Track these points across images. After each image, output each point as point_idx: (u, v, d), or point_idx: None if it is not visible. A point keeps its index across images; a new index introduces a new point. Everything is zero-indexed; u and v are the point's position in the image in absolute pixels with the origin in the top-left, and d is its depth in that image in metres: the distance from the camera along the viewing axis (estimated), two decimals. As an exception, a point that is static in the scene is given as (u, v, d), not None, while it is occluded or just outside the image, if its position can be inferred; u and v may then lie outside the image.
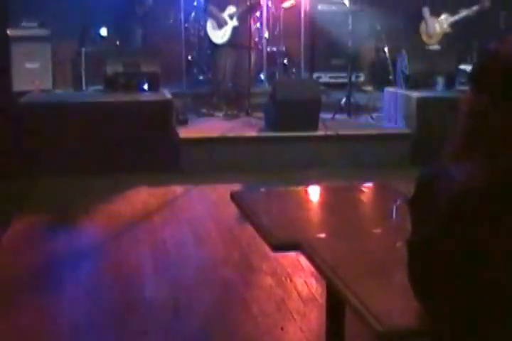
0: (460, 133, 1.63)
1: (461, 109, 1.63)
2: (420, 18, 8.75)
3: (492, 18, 9.52)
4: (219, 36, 8.39)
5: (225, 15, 8.35)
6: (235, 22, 8.33)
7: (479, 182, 1.51)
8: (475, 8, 8.47)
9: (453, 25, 8.61)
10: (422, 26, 8.69)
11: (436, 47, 8.74)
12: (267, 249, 4.15)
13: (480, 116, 1.58)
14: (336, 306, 2.87)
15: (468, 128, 1.61)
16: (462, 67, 8.86)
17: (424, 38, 8.76)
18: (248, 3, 8.30)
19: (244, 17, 8.39)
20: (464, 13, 8.54)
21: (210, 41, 8.49)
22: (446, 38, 8.70)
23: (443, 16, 8.59)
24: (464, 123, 1.63)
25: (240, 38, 8.36)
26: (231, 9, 8.34)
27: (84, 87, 8.49)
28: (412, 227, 1.72)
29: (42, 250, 4.88)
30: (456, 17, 8.58)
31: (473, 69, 1.64)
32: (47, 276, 4.44)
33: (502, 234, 1.50)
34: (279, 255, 4.42)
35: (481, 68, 1.61)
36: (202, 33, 9.10)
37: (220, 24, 8.35)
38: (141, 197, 6.21)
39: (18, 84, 7.80)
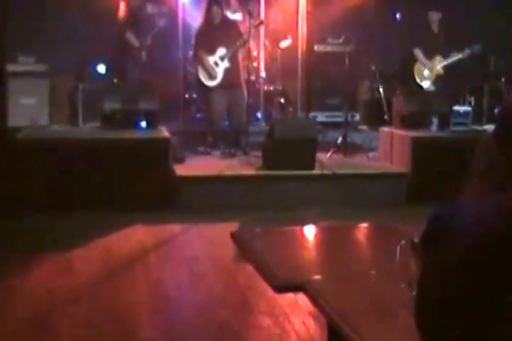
0: (476, 170, 1.66)
1: (480, 148, 1.68)
2: (414, 58, 8.88)
3: (482, 62, 9.70)
4: (211, 80, 8.44)
5: (216, 57, 8.41)
6: (226, 63, 8.40)
7: (491, 230, 1.52)
8: (466, 52, 8.61)
9: (445, 67, 8.74)
10: (416, 67, 8.81)
11: (430, 88, 8.84)
12: (264, 288, 4.14)
13: (493, 153, 1.61)
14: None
15: (483, 165, 1.65)
16: (456, 108, 8.96)
17: (418, 78, 8.88)
18: (238, 43, 8.39)
19: (235, 57, 8.48)
20: (456, 57, 8.68)
21: (203, 84, 8.55)
22: (440, 80, 8.82)
23: (436, 59, 8.72)
24: (480, 161, 1.66)
25: (232, 78, 8.42)
26: (221, 51, 8.41)
27: (81, 124, 8.52)
28: (421, 268, 1.72)
29: (37, 288, 4.84)
30: (449, 60, 8.71)
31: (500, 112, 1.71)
32: (42, 314, 4.39)
33: None
34: (277, 295, 4.40)
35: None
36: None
37: (210, 75, 8.40)
38: (138, 235, 6.19)
39: (15, 120, 7.82)
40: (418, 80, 8.83)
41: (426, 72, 8.74)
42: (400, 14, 10.28)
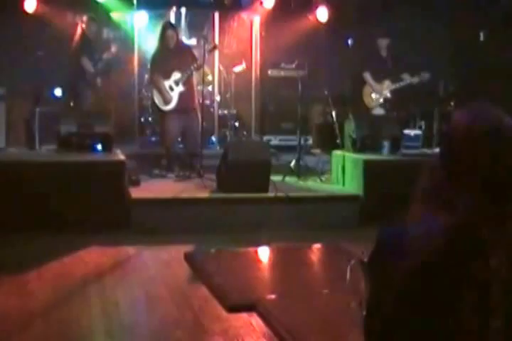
0: (422, 190, 1.71)
1: (425, 169, 1.73)
2: (363, 82, 9.07)
3: (432, 87, 9.95)
4: (166, 104, 8.53)
5: (171, 81, 8.50)
6: (180, 87, 8.50)
7: (434, 248, 1.58)
8: (416, 79, 8.84)
9: (394, 91, 8.95)
10: (365, 90, 9.01)
11: (381, 112, 9.03)
12: (219, 309, 4.20)
13: (438, 173, 1.68)
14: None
15: (428, 185, 1.70)
16: (406, 131, 9.15)
17: (366, 101, 9.07)
18: (192, 68, 8.49)
19: (189, 81, 8.58)
20: (404, 82, 8.90)
21: (158, 108, 8.63)
22: (388, 103, 9.02)
23: (385, 83, 8.92)
24: (425, 182, 1.71)
25: (187, 102, 8.52)
26: (176, 75, 8.51)
27: (37, 147, 8.52)
28: (369, 288, 1.76)
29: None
30: (398, 85, 8.93)
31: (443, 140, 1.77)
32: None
33: (460, 308, 1.56)
34: (231, 316, 4.44)
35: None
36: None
37: (165, 99, 8.49)
38: (93, 257, 6.19)
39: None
40: (366, 102, 9.03)
41: (374, 95, 8.94)
42: (352, 40, 10.53)
